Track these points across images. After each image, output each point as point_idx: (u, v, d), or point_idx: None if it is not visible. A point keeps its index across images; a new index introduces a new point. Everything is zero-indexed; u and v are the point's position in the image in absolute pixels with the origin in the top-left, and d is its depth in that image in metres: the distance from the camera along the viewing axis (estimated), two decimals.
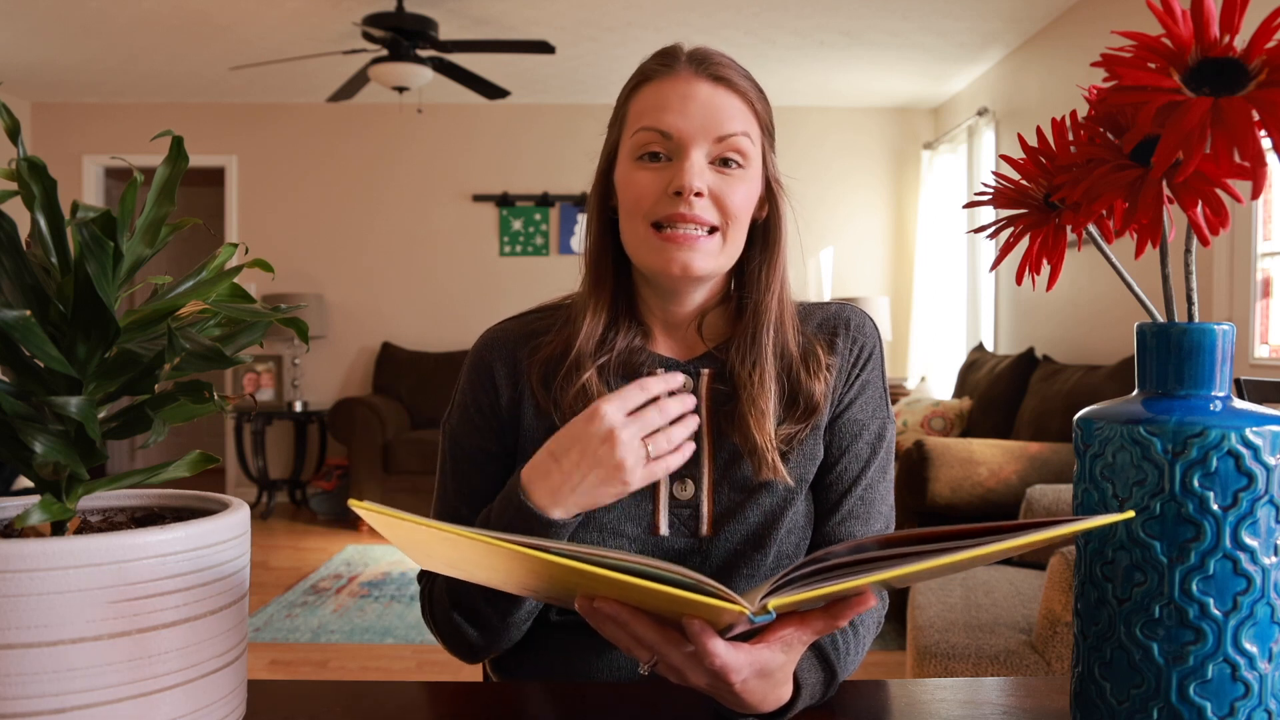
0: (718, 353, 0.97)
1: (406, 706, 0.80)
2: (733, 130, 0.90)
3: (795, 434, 0.95)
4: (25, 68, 5.15)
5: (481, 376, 0.99)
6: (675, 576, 0.58)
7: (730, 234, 0.92)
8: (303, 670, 3.08)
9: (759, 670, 0.68)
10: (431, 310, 5.99)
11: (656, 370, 0.97)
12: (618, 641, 0.67)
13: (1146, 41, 0.58)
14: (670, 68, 0.92)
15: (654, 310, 0.99)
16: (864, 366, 0.99)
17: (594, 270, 0.97)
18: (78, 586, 0.54)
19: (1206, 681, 0.59)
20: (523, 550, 0.56)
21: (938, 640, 2.05)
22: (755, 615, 0.60)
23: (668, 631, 0.66)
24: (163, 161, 0.64)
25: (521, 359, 0.98)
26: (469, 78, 4.44)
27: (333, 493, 5.49)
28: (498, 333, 1.01)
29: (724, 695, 0.70)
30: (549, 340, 0.97)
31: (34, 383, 0.59)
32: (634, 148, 0.92)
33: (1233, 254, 3.03)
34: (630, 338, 0.97)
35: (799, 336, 0.97)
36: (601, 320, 0.96)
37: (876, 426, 0.99)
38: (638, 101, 0.93)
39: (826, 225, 5.95)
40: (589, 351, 0.95)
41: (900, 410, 4.60)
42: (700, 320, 0.99)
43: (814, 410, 0.95)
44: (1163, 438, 0.60)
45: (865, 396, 0.99)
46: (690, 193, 0.88)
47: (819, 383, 0.95)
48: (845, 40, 4.66)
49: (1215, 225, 0.58)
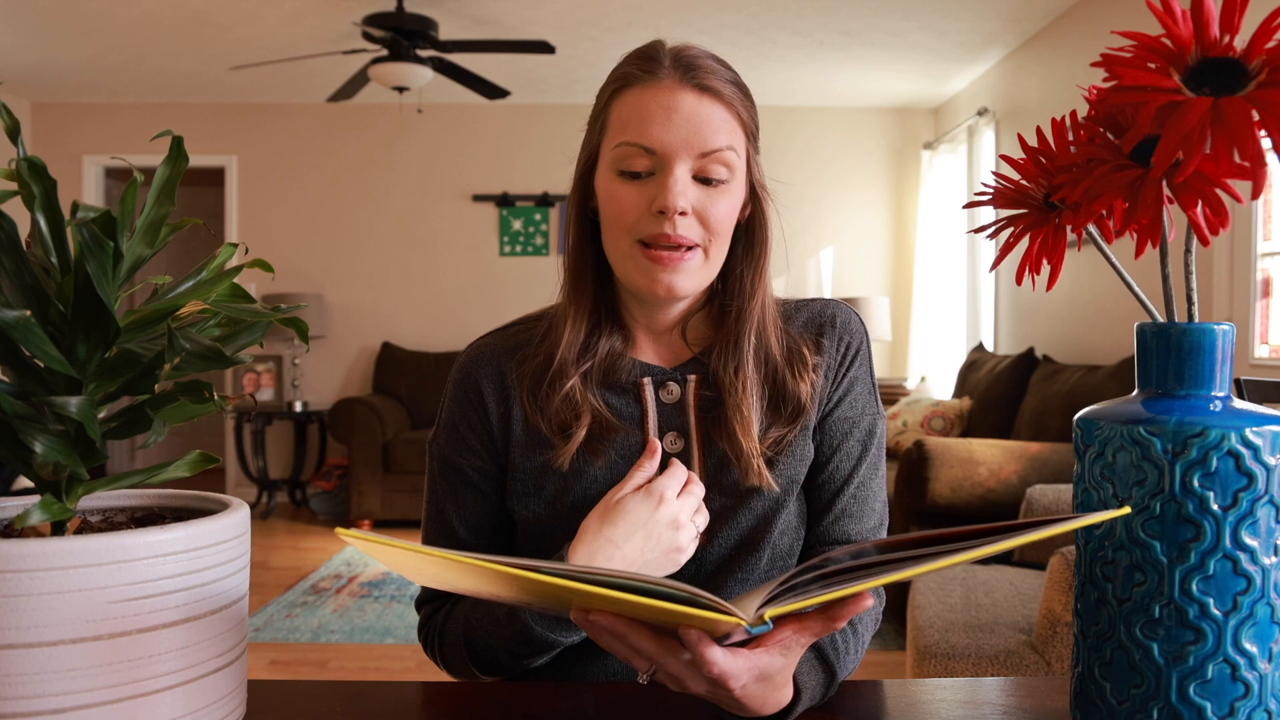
0: (703, 358, 0.97)
1: (406, 706, 0.80)
2: (717, 145, 0.88)
3: (783, 437, 0.94)
4: (25, 68, 5.15)
5: (469, 394, 0.98)
6: (670, 590, 0.58)
7: (713, 250, 0.91)
8: (303, 670, 3.08)
9: (758, 675, 0.68)
10: (431, 310, 5.99)
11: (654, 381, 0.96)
12: (615, 651, 0.67)
13: (1146, 41, 0.58)
14: (653, 73, 0.90)
15: (636, 316, 0.98)
16: (851, 363, 0.98)
17: (574, 275, 0.96)
18: (78, 586, 0.54)
19: (1206, 681, 0.59)
20: (515, 571, 0.56)
21: (938, 640, 2.05)
22: (752, 626, 0.60)
23: (665, 641, 0.65)
24: (163, 161, 0.64)
25: (508, 373, 0.97)
26: (469, 78, 4.44)
27: (333, 493, 5.48)
28: (481, 349, 1.00)
29: (724, 701, 0.70)
30: (533, 351, 0.97)
31: (34, 383, 0.59)
32: (616, 159, 0.90)
33: (1233, 254, 3.03)
34: (612, 342, 0.96)
35: (782, 337, 0.97)
36: (583, 327, 0.95)
37: (867, 423, 0.99)
38: (619, 108, 0.91)
39: (826, 225, 5.95)
40: (571, 359, 0.94)
41: (900, 410, 4.60)
42: (684, 325, 0.98)
43: (800, 412, 0.95)
44: (1163, 438, 0.60)
45: (854, 394, 0.98)
46: (674, 213, 0.87)
47: (804, 384, 0.95)
48: (845, 40, 4.66)
49: (1215, 225, 0.58)
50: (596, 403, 0.94)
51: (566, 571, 0.57)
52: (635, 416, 0.95)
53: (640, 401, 0.96)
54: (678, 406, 0.96)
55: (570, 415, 0.93)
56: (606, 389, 0.96)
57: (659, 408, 0.96)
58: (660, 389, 0.96)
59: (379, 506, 5.20)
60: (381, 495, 5.20)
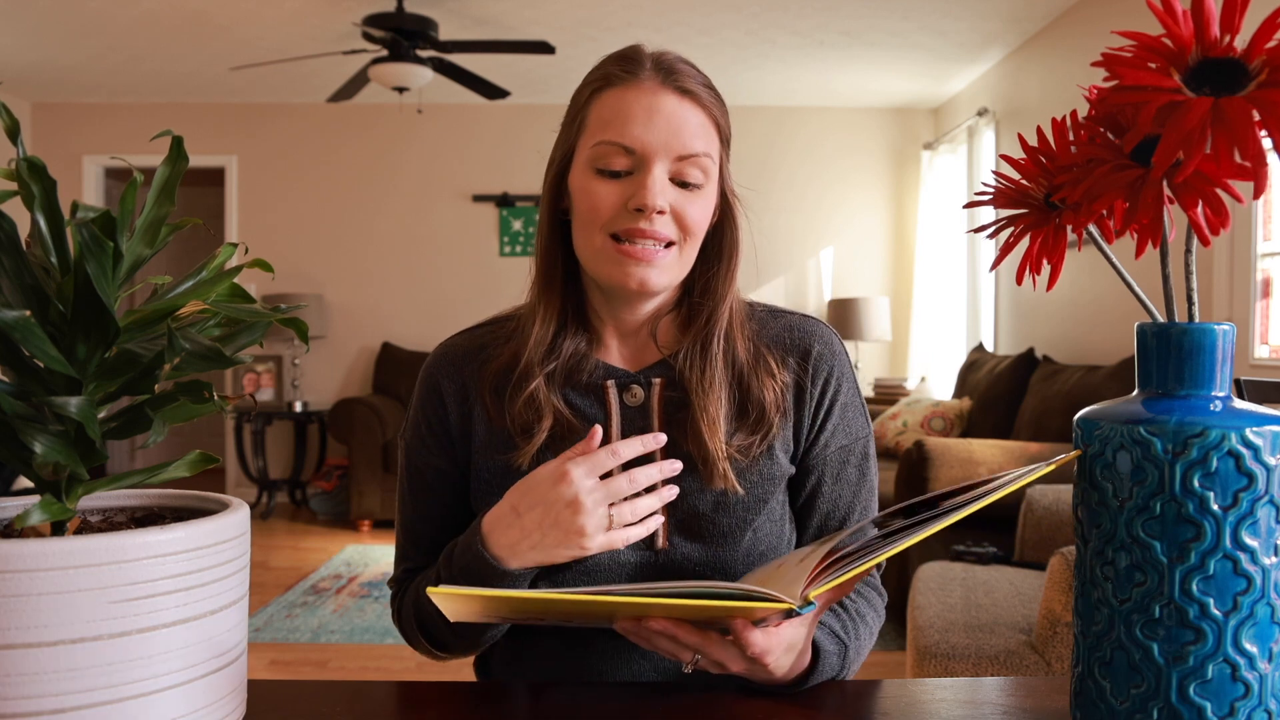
0: (670, 360, 0.96)
1: (406, 706, 0.80)
2: (695, 150, 0.89)
3: (749, 446, 0.94)
4: (25, 68, 5.15)
5: (430, 395, 0.99)
6: (723, 591, 0.72)
7: (686, 249, 0.92)
8: (303, 670, 3.09)
9: (787, 646, 0.79)
10: (431, 310, 5.99)
11: (622, 384, 0.95)
12: (662, 649, 0.77)
13: (1147, 41, 0.58)
14: (635, 75, 0.90)
15: (604, 317, 0.98)
16: (837, 392, 0.98)
17: (544, 274, 0.96)
18: (78, 586, 0.54)
19: (1206, 681, 0.59)
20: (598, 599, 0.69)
21: (938, 640, 2.05)
22: (801, 607, 0.70)
23: (706, 633, 0.76)
24: (163, 161, 0.64)
25: (469, 376, 0.98)
26: (469, 78, 4.44)
27: (333, 493, 5.48)
28: (446, 349, 1.01)
29: (758, 674, 0.80)
30: (497, 352, 0.97)
31: (34, 383, 0.59)
32: (593, 158, 0.90)
33: (1233, 254, 3.03)
34: (577, 343, 0.96)
35: (749, 343, 0.97)
36: (550, 326, 0.95)
37: (860, 447, 1.00)
38: (599, 108, 0.91)
39: (826, 225, 5.95)
40: (537, 359, 0.94)
41: (900, 410, 4.60)
42: (654, 328, 0.98)
43: (764, 421, 0.94)
44: (1163, 438, 0.60)
45: (846, 419, 0.99)
46: (653, 211, 0.88)
47: (769, 392, 0.94)
48: (845, 40, 4.66)
49: (1215, 225, 0.58)
50: (559, 404, 0.94)
51: (635, 591, 0.71)
52: (598, 418, 0.95)
53: (604, 403, 0.95)
54: (641, 410, 0.95)
55: (533, 416, 0.93)
56: (570, 390, 0.96)
57: (622, 410, 0.95)
58: (624, 392, 0.96)
59: (379, 507, 5.20)
60: (381, 495, 5.20)
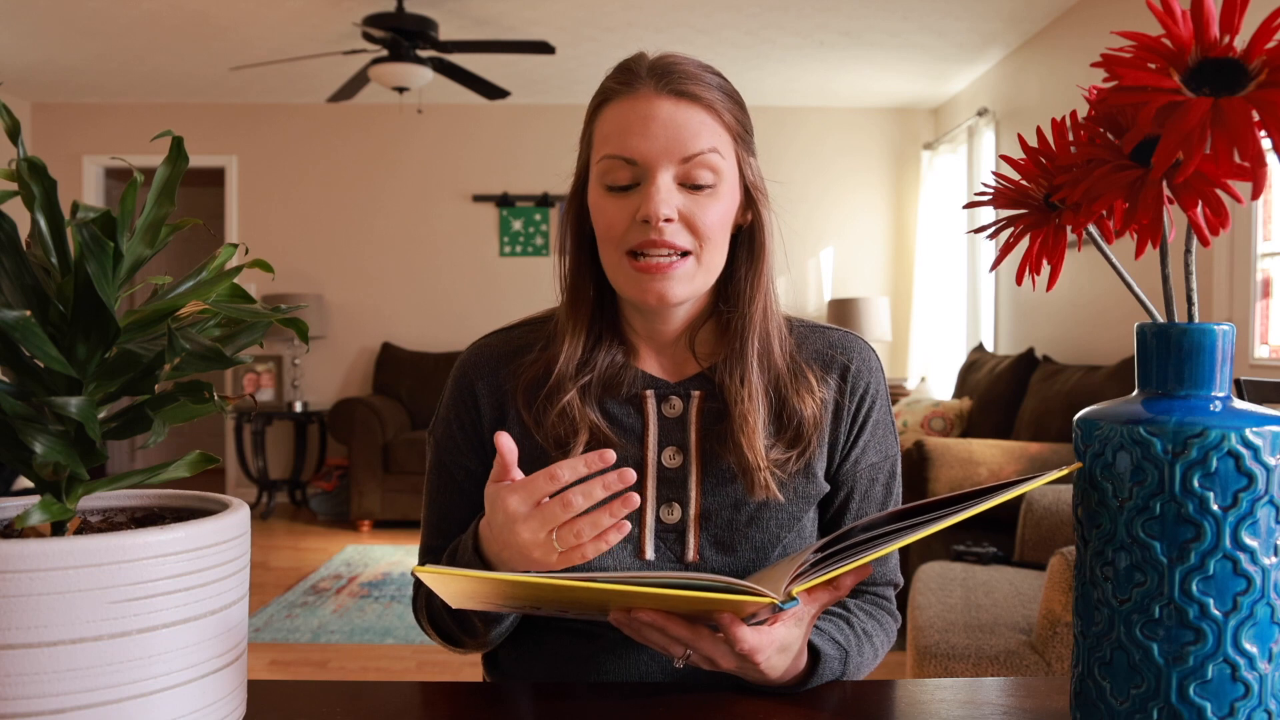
0: (709, 373, 0.96)
1: (406, 706, 0.80)
2: (698, 149, 0.88)
3: (786, 460, 0.93)
4: (25, 68, 5.15)
5: (464, 395, 0.98)
6: (708, 583, 0.70)
7: (705, 255, 0.90)
8: (303, 670, 3.08)
9: (779, 646, 0.77)
10: (431, 310, 5.99)
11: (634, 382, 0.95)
12: (653, 642, 0.76)
13: (1146, 42, 0.58)
14: (630, 85, 0.89)
15: (638, 329, 0.97)
16: (872, 408, 0.98)
17: (571, 292, 0.96)
18: (78, 586, 0.54)
19: (1206, 682, 0.59)
20: (582, 585, 0.68)
21: (938, 640, 2.05)
22: (783, 603, 0.69)
23: (697, 627, 0.75)
24: (163, 161, 0.64)
25: (505, 380, 0.97)
26: (469, 78, 4.44)
27: (333, 493, 5.48)
28: (482, 350, 0.99)
29: (751, 673, 0.79)
30: (532, 360, 0.96)
31: (34, 383, 0.59)
32: (601, 174, 0.90)
33: (1233, 254, 3.03)
34: (613, 355, 0.95)
35: (787, 352, 0.96)
36: (581, 342, 0.94)
37: (889, 465, 1.00)
38: (601, 123, 0.91)
39: (826, 225, 5.95)
40: (569, 373, 0.93)
41: (900, 410, 4.60)
42: (692, 338, 0.97)
43: (802, 435, 0.93)
44: (1163, 438, 0.60)
45: (879, 436, 0.99)
46: (658, 220, 0.86)
47: (808, 408, 0.94)
48: (845, 40, 4.66)
49: (1215, 225, 0.58)
50: (595, 417, 0.93)
51: (626, 579, 0.69)
52: (636, 429, 0.95)
53: (642, 414, 0.95)
54: (679, 421, 0.95)
55: (567, 430, 0.92)
56: (609, 400, 0.95)
57: (660, 421, 0.95)
58: (663, 403, 0.95)
59: (379, 507, 5.20)
60: (381, 495, 5.20)
